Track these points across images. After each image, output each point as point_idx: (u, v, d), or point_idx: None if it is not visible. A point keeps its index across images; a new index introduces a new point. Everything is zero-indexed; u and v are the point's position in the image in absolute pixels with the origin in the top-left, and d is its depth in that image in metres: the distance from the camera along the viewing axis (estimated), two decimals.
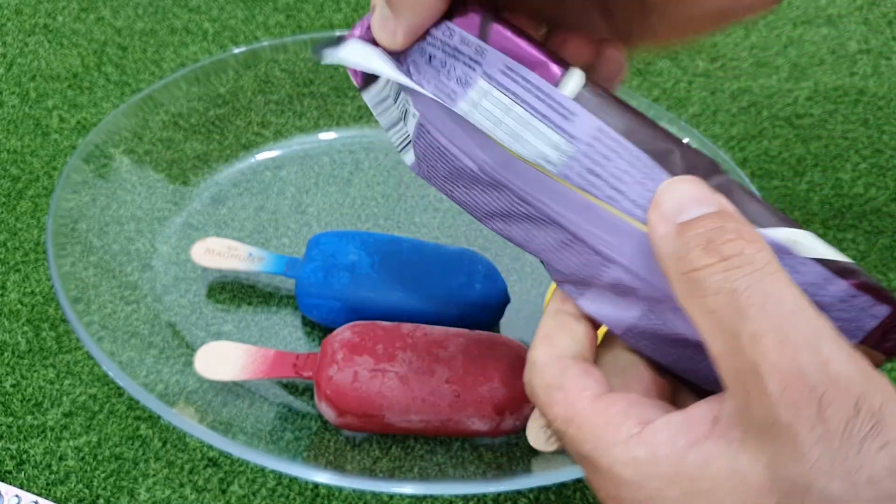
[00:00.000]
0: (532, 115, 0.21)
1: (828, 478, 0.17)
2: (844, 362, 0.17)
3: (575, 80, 0.21)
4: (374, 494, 0.35)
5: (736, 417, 0.18)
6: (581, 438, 0.21)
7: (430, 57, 0.23)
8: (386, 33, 0.23)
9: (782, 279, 0.18)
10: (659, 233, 0.20)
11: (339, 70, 0.52)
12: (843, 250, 0.46)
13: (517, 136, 0.21)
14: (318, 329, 0.41)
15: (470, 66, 0.22)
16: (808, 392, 0.17)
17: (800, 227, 0.21)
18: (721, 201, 0.20)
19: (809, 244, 0.21)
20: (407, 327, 0.36)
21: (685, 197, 0.20)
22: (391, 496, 0.35)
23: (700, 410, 0.19)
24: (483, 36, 0.22)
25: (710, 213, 0.20)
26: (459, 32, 0.22)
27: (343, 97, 0.51)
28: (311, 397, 0.37)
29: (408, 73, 0.23)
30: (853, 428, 0.17)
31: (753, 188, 0.43)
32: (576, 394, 0.21)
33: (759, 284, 0.18)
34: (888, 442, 0.17)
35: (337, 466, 0.32)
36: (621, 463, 0.19)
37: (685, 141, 0.25)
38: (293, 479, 0.35)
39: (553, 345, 0.23)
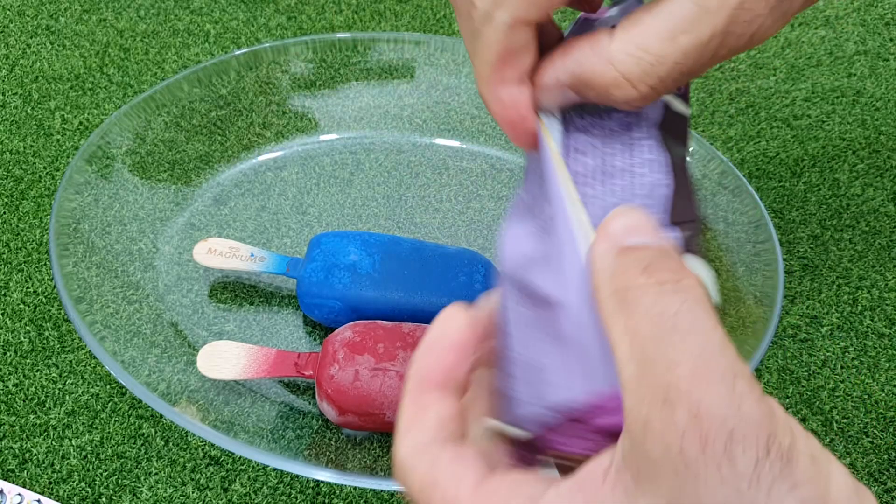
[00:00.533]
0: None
1: None
2: (756, 401, 0.16)
3: None
4: (375, 492, 0.35)
5: (630, 457, 0.17)
6: None
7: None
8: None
9: (711, 315, 0.18)
10: (600, 249, 0.20)
11: (339, 71, 0.52)
12: (840, 251, 0.46)
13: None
14: (320, 328, 0.41)
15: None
16: (717, 425, 0.16)
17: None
18: (670, 242, 0.20)
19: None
20: (407, 327, 0.36)
21: (637, 224, 0.20)
22: (392, 494, 0.35)
23: (590, 468, 0.18)
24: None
25: (656, 245, 0.19)
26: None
27: (344, 98, 0.52)
28: (313, 396, 0.37)
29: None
30: (762, 469, 0.16)
31: (751, 188, 0.43)
32: (453, 487, 0.19)
33: (687, 313, 0.17)
34: (797, 484, 0.16)
35: (338, 464, 0.33)
36: None
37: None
38: (295, 478, 0.35)
39: (417, 434, 0.21)
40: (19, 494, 0.34)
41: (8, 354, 0.39)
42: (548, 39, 0.24)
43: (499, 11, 0.22)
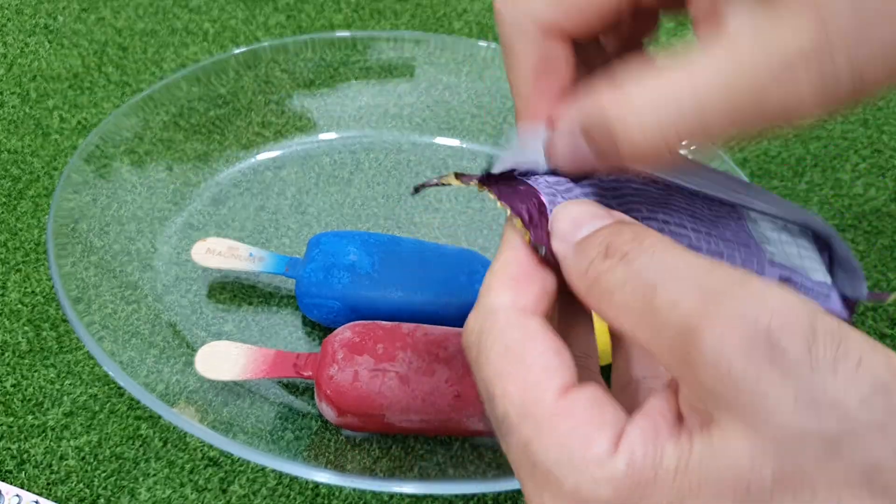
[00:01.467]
0: None
1: (815, 418, 0.14)
2: (778, 292, 0.15)
3: None
4: (375, 494, 0.35)
5: (694, 399, 0.16)
6: (542, 444, 0.17)
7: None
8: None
9: (679, 249, 0.17)
10: (561, 256, 0.19)
11: (338, 70, 0.52)
12: None
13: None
14: (319, 329, 0.41)
15: None
16: (751, 328, 0.15)
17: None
18: (617, 215, 0.19)
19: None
20: (407, 327, 0.36)
21: (578, 215, 0.19)
22: (391, 496, 0.35)
23: (659, 406, 0.17)
24: None
25: (607, 225, 0.19)
26: None
27: (343, 97, 0.52)
28: (312, 397, 0.37)
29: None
30: (817, 351, 0.14)
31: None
32: (540, 377, 0.18)
33: (659, 258, 0.17)
34: (861, 358, 0.15)
35: (337, 466, 0.33)
36: (596, 482, 0.16)
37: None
38: (293, 479, 0.35)
39: (521, 294, 0.19)
40: (17, 495, 0.34)
41: (6, 355, 0.39)
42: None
43: (526, 20, 0.21)
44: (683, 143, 0.19)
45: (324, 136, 0.51)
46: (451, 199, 0.47)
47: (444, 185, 0.22)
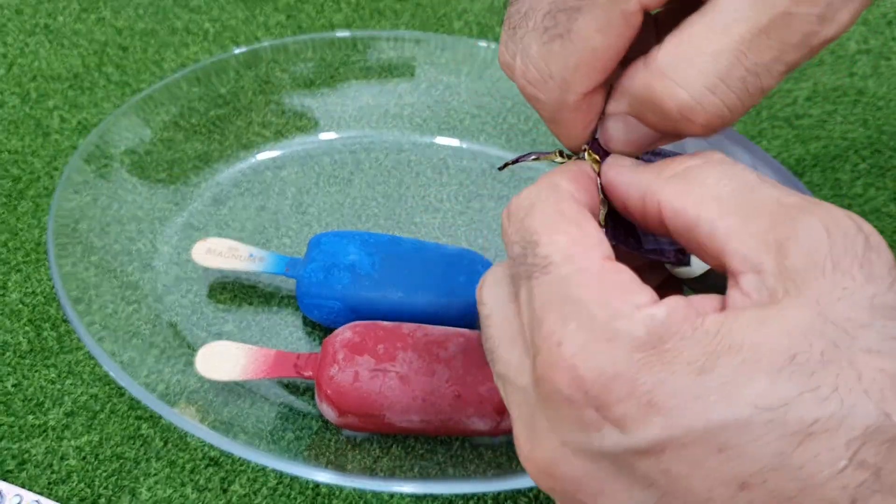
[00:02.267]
0: None
1: (881, 317, 0.15)
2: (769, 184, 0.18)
3: None
4: (375, 493, 0.35)
5: (770, 281, 0.17)
6: (583, 281, 0.17)
7: None
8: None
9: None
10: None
11: (338, 70, 0.52)
12: None
13: None
14: (319, 329, 0.41)
15: None
16: (850, 229, 0.16)
17: None
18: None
19: None
20: (407, 327, 0.36)
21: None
22: (391, 495, 0.35)
23: (698, 299, 0.18)
24: None
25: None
26: None
27: (343, 97, 0.52)
28: (312, 397, 0.37)
29: None
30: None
31: None
32: (590, 242, 0.18)
33: (743, 169, 0.18)
34: None
35: (338, 466, 0.33)
36: (631, 320, 0.16)
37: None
38: (294, 479, 0.35)
39: (579, 190, 0.20)
40: (18, 495, 0.34)
41: (6, 355, 0.39)
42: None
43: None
44: (734, 85, 0.19)
45: (324, 135, 0.51)
46: (451, 199, 0.47)
47: (540, 160, 0.23)
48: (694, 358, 0.16)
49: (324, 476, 0.30)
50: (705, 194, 0.18)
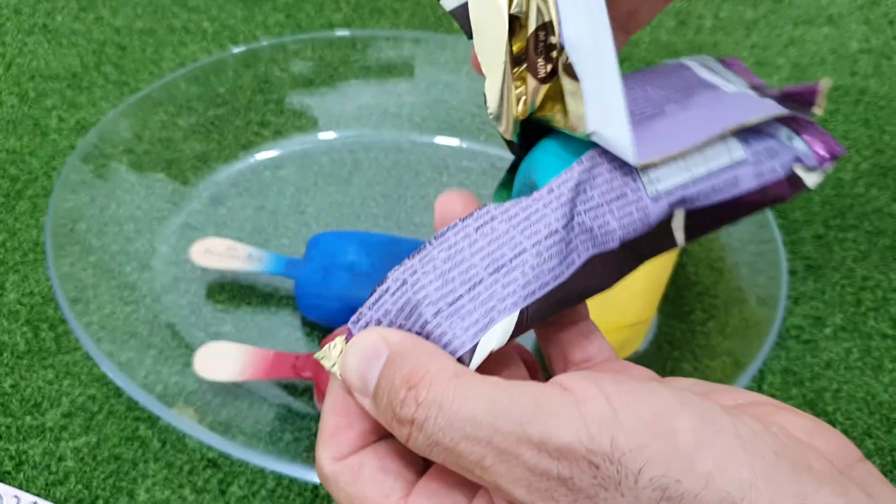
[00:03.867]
0: None
1: None
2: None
3: None
4: None
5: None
6: None
7: None
8: None
9: (462, 394, 0.18)
10: (370, 412, 0.20)
11: (338, 69, 0.52)
12: (844, 251, 0.46)
13: None
14: (318, 329, 0.40)
15: None
16: (531, 464, 0.17)
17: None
18: (390, 340, 0.20)
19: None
20: None
21: (361, 363, 0.20)
22: None
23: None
24: None
25: (383, 368, 0.19)
26: None
27: (342, 97, 0.51)
28: (311, 398, 0.37)
29: None
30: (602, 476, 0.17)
31: None
32: (381, 502, 0.19)
33: (451, 423, 0.18)
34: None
35: None
36: None
37: None
38: (292, 480, 0.35)
39: (339, 443, 0.20)
40: (15, 496, 0.34)
41: (4, 356, 0.39)
42: None
43: None
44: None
45: (323, 135, 0.50)
46: None
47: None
48: None
49: None
50: (440, 460, 0.18)
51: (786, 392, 0.39)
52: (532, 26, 0.20)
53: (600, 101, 0.20)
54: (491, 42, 0.21)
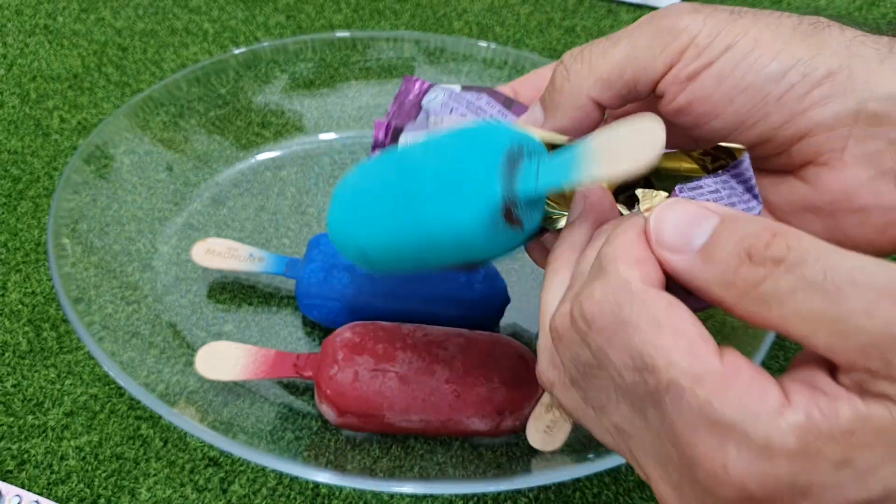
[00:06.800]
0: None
1: None
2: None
3: None
4: (375, 494, 0.35)
5: (882, 386, 0.17)
6: (723, 402, 0.17)
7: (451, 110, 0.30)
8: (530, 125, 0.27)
9: (839, 251, 0.17)
10: (681, 268, 0.19)
11: (338, 70, 0.52)
12: None
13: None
14: (319, 329, 0.41)
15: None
16: None
17: None
18: (716, 208, 0.19)
19: None
20: (407, 327, 0.36)
21: (683, 222, 0.19)
22: (391, 495, 0.35)
23: (805, 373, 0.18)
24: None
25: (721, 226, 0.19)
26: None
27: (343, 98, 0.52)
28: (312, 397, 0.37)
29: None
30: None
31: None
32: (700, 345, 0.18)
33: (836, 267, 0.17)
34: None
35: (337, 466, 0.33)
36: (782, 432, 0.17)
37: None
38: (294, 479, 0.35)
39: (650, 271, 0.19)
40: (18, 495, 0.34)
41: (6, 355, 0.39)
42: None
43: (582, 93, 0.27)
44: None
45: (323, 136, 0.51)
46: None
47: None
48: (834, 455, 0.17)
49: (323, 476, 0.30)
50: (792, 312, 0.18)
51: None
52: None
53: None
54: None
